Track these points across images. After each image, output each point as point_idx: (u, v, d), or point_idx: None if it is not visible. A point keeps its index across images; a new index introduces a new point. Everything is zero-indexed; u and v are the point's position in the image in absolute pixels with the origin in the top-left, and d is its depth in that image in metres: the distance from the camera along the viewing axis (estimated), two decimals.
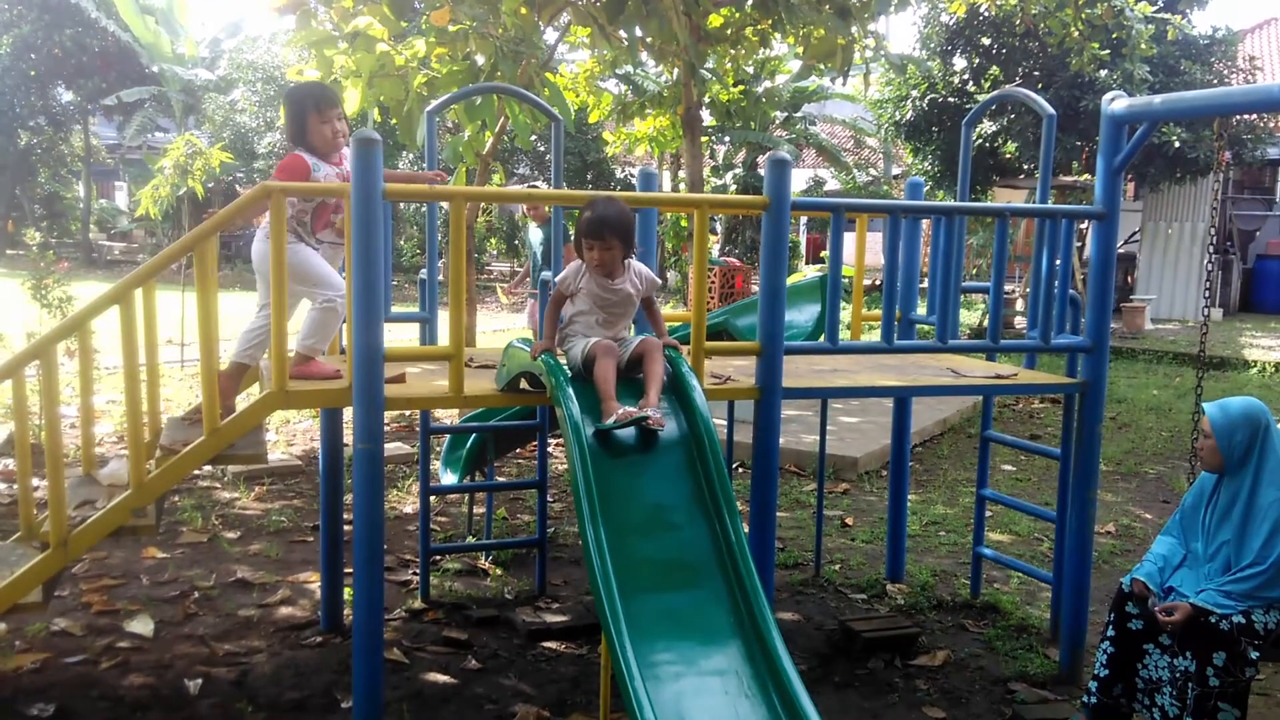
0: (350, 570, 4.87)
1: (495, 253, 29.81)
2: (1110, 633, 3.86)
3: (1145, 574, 3.75)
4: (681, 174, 19.85)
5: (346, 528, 4.81)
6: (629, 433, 3.63)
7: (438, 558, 5.53)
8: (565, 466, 7.41)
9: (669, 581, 3.24)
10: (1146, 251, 19.57)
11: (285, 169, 3.97)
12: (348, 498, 4.87)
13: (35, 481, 4.30)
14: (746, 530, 3.81)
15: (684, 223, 17.20)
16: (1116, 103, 4.34)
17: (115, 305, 3.63)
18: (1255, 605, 3.50)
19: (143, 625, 4.63)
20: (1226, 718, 3.43)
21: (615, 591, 3.01)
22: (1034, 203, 5.16)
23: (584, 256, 3.66)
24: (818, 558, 5.74)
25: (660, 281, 4.05)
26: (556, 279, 3.77)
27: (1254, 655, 3.44)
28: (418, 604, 5.05)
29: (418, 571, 5.24)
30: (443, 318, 4.49)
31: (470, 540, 6.00)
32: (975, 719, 4.10)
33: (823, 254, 26.01)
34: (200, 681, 4.12)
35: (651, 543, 3.32)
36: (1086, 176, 15.58)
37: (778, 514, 6.39)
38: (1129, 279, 19.46)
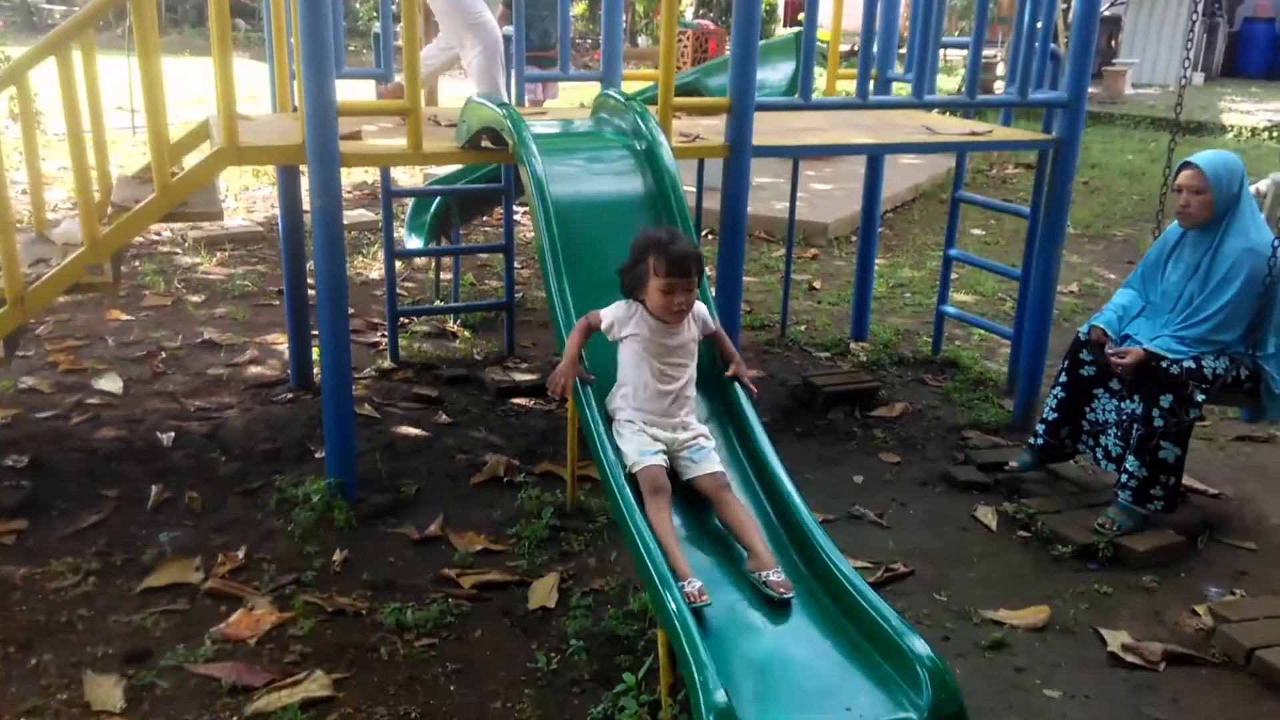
0: (318, 331, 4.90)
1: None
2: (1062, 378, 3.96)
3: (1104, 321, 3.81)
4: None
5: (311, 291, 4.78)
6: (596, 194, 3.53)
7: (406, 321, 5.54)
8: (533, 234, 7.35)
9: None
10: (1132, 14, 18.95)
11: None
12: (312, 263, 4.82)
13: None
14: (713, 290, 3.82)
15: None
16: None
17: (52, 56, 3.44)
18: (1207, 350, 3.58)
19: (111, 383, 4.66)
20: (1167, 455, 3.57)
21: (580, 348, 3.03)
22: None
23: (654, 301, 2.81)
24: (784, 319, 5.80)
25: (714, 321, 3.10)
26: (600, 314, 2.95)
27: (1200, 399, 3.55)
28: (387, 364, 5.09)
29: (386, 334, 5.26)
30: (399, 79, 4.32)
31: (438, 304, 6.00)
32: (928, 463, 4.25)
33: (800, 16, 25.01)
34: (173, 435, 4.18)
35: (616, 297, 3.31)
36: None
37: (746, 278, 6.41)
38: (1112, 43, 18.91)
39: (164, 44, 3.55)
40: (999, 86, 15.37)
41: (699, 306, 2.93)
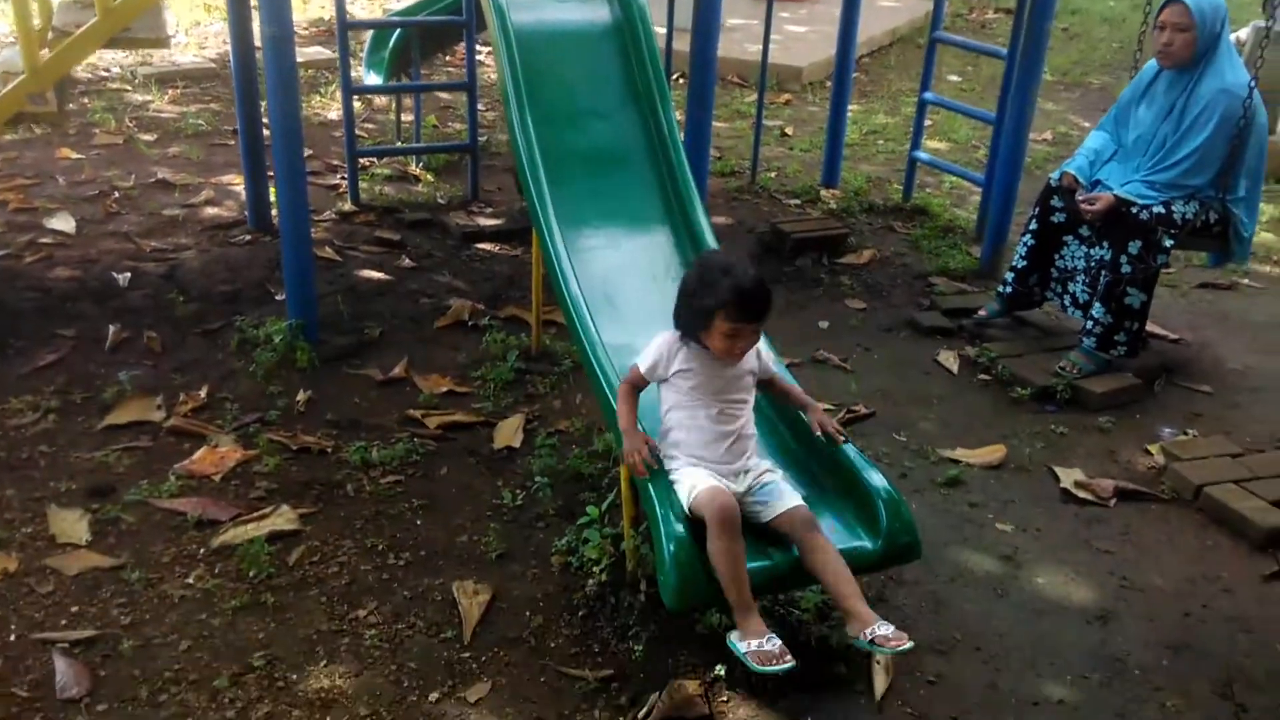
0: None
1: None
2: (1033, 225, 3.94)
3: (1075, 167, 3.76)
4: None
5: (266, 131, 4.62)
6: (560, 22, 3.40)
7: (366, 163, 5.39)
8: (496, 75, 7.12)
9: (599, 169, 3.19)
10: None
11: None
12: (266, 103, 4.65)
13: None
14: (681, 134, 3.72)
15: None
16: None
17: None
18: (1177, 195, 3.55)
19: (64, 222, 4.53)
20: (1133, 301, 3.59)
21: (543, 178, 2.96)
22: None
23: (716, 343, 2.30)
24: (754, 165, 5.70)
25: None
26: (643, 361, 2.41)
27: (1168, 244, 3.54)
28: (348, 207, 4.98)
29: (345, 176, 5.12)
30: None
31: (399, 145, 5.83)
32: (894, 309, 4.26)
33: None
34: (129, 275, 4.09)
35: (581, 132, 3.24)
36: None
37: (717, 124, 6.27)
38: None
39: None
40: None
41: (760, 345, 2.42)
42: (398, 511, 2.85)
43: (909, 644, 2.06)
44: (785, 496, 2.27)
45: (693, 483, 2.22)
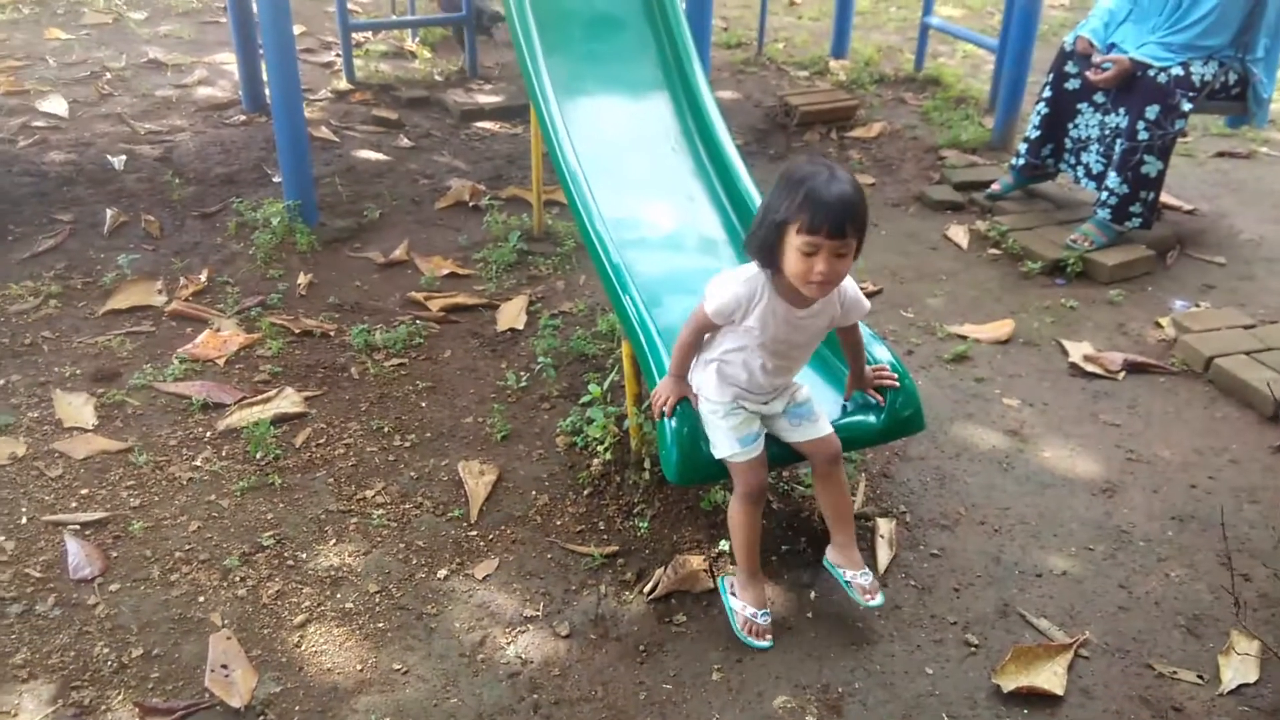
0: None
1: None
2: (1046, 93, 3.81)
3: (1090, 30, 3.63)
4: None
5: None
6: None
7: (361, 39, 5.24)
8: None
9: (594, 33, 3.09)
10: None
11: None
12: None
13: None
14: (682, 3, 3.58)
15: None
16: None
17: None
18: (1195, 56, 3.42)
19: (56, 105, 4.44)
20: (1149, 170, 3.50)
21: (536, 44, 2.86)
22: None
23: (791, 265, 1.91)
24: (761, 36, 5.53)
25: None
26: (710, 301, 2.03)
27: (1187, 108, 3.43)
28: (343, 85, 4.86)
29: (340, 53, 4.98)
30: None
31: (394, 19, 5.66)
32: (903, 184, 4.17)
33: None
34: (124, 158, 4.02)
35: None
36: None
37: None
38: None
39: None
40: None
41: (852, 290, 2.08)
42: (402, 394, 2.84)
43: (879, 600, 2.05)
44: (819, 422, 2.13)
45: (732, 448, 2.05)
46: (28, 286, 3.19)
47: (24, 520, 2.32)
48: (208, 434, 2.64)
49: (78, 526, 2.30)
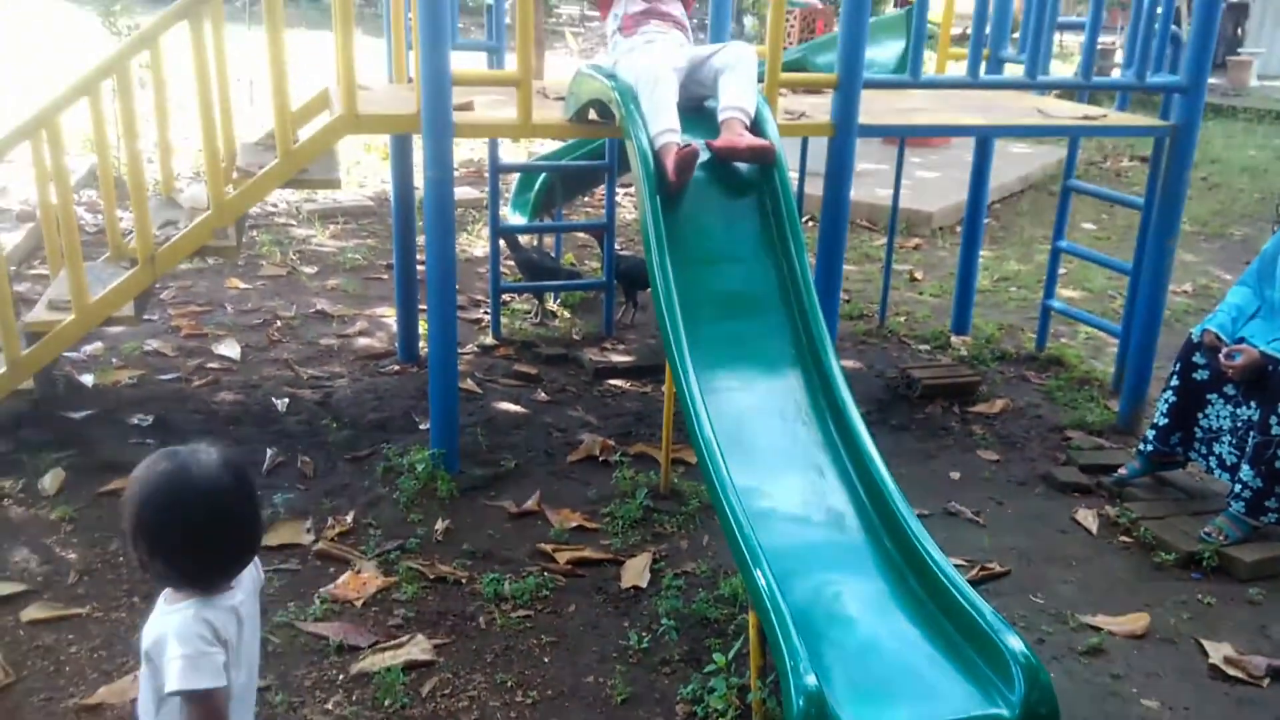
0: (425, 306, 5.02)
1: None
2: (1174, 382, 3.85)
3: (1217, 324, 3.70)
4: None
5: (420, 267, 4.90)
6: (701, 171, 3.56)
7: (507, 298, 5.64)
8: (632, 215, 7.41)
9: (733, 311, 3.28)
10: (1260, 1, 18.09)
11: None
12: (421, 239, 4.94)
13: (120, 214, 4.40)
14: (812, 275, 3.80)
15: None
16: None
17: (184, 20, 3.58)
18: None
19: (230, 349, 4.86)
20: None
21: (679, 317, 3.06)
22: None
23: None
24: (883, 309, 5.75)
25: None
26: None
27: None
28: (489, 341, 5.20)
29: (489, 311, 5.37)
30: (510, 54, 4.41)
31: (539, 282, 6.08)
32: (1029, 463, 4.19)
33: None
34: (287, 401, 4.35)
35: (717, 274, 3.34)
36: None
37: (846, 267, 6.35)
38: (1238, 30, 18.10)
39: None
40: (1116, 74, 14.95)
41: None
42: (527, 647, 2.90)
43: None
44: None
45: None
46: None
47: None
48: (341, 677, 2.72)
49: None
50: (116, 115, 3.90)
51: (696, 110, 3.54)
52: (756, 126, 3.37)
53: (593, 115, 3.80)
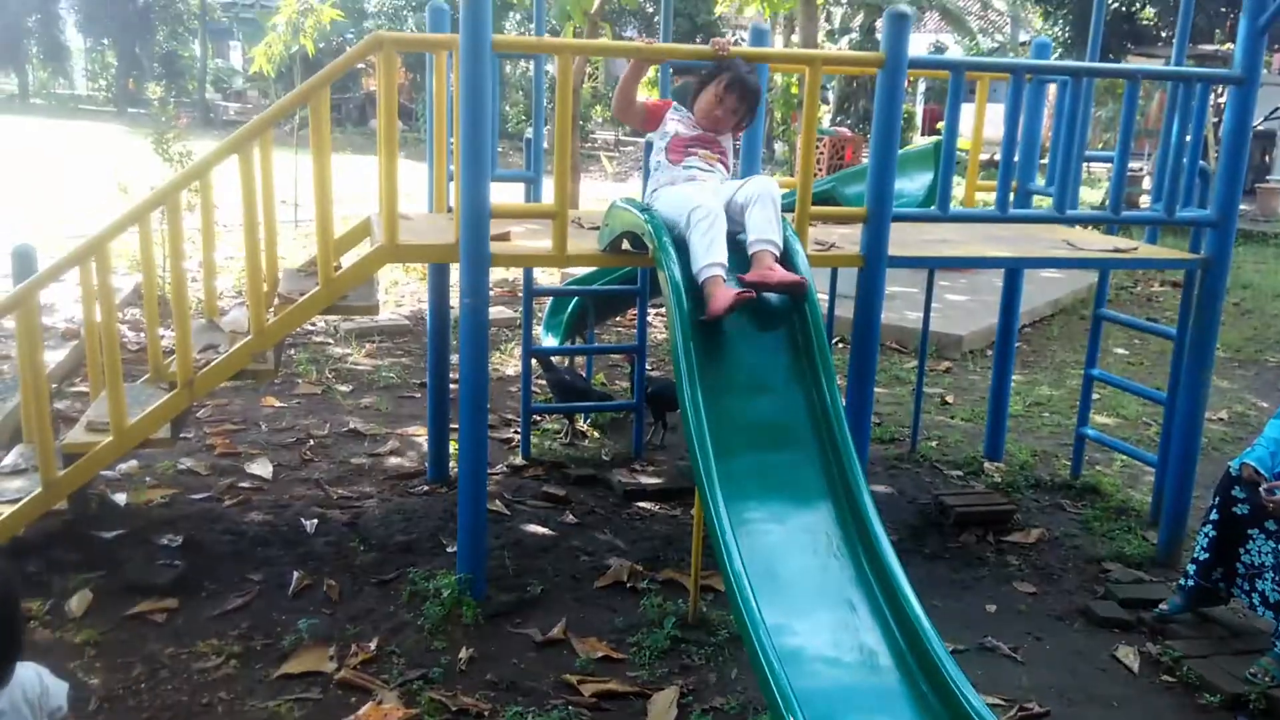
0: (456, 425, 5.06)
1: (600, 120, 29.48)
2: (1214, 516, 3.78)
3: (1255, 458, 3.64)
4: (794, 37, 19.16)
5: (452, 386, 4.95)
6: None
7: (538, 418, 5.67)
8: (663, 335, 7.47)
9: (763, 442, 3.28)
10: None
11: (654, 103, 3.94)
12: (453, 358, 5.01)
13: (160, 331, 4.51)
14: (844, 400, 3.81)
15: (794, 89, 16.67)
16: None
17: (234, 154, 3.72)
18: None
19: (262, 468, 4.90)
20: None
21: (710, 448, 3.06)
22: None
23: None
24: (914, 433, 5.72)
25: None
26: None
27: None
28: (519, 461, 5.21)
29: (519, 430, 5.39)
30: (546, 181, 4.53)
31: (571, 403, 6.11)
32: (1066, 595, 4.09)
33: (938, 125, 25.04)
34: (316, 521, 4.36)
35: (748, 404, 3.35)
36: (1229, 46, 14.56)
37: (876, 390, 6.36)
38: (1265, 158, 18.30)
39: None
40: (1144, 201, 15.10)
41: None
42: None
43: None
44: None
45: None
46: (213, 645, 3.40)
47: None
48: None
49: None
50: (163, 237, 4.02)
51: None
52: (787, 259, 3.42)
53: (626, 245, 3.88)
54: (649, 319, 6.25)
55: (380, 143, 3.74)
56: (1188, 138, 4.18)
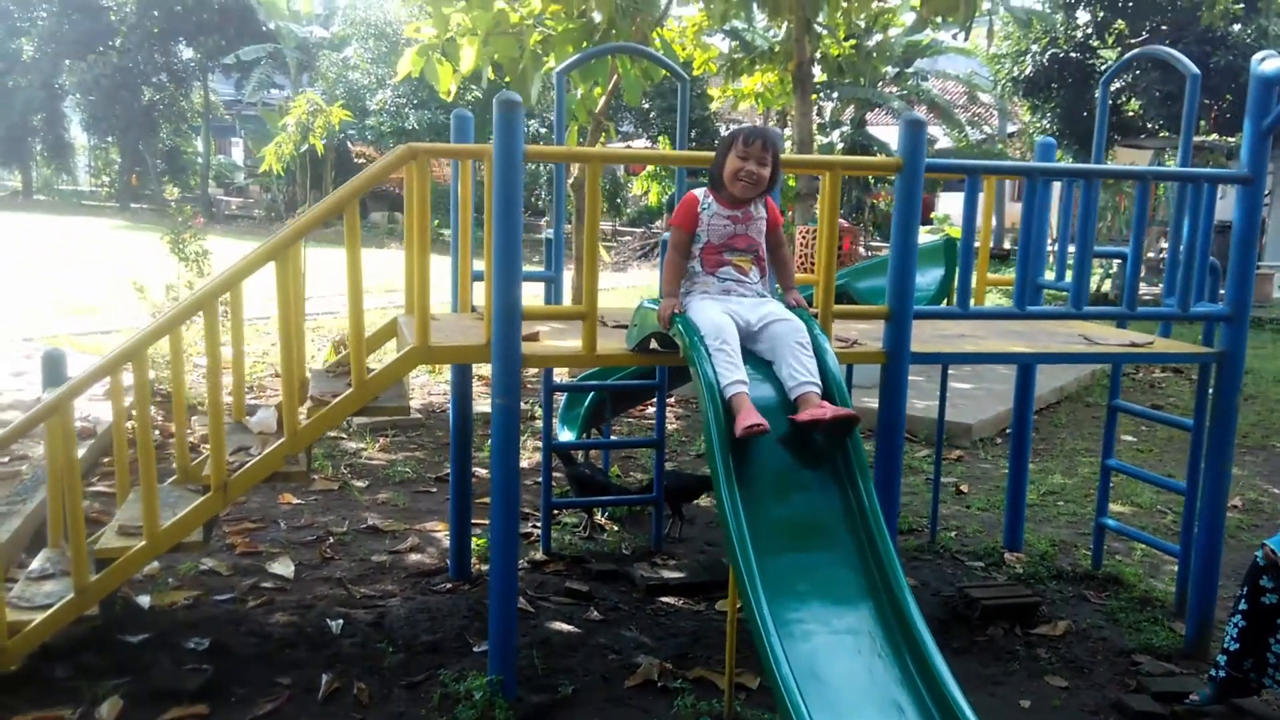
0: (477, 521, 5.06)
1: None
2: (1242, 606, 3.78)
3: (1276, 543, 3.66)
4: (788, 131, 19.60)
5: (474, 481, 4.96)
6: (764, 397, 3.64)
7: (556, 512, 5.67)
8: (673, 426, 7.51)
9: (801, 542, 3.29)
10: (1277, 215, 18.69)
11: (681, 204, 3.80)
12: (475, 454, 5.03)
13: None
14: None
15: (791, 181, 16.96)
16: (1267, 63, 4.18)
17: (271, 261, 3.79)
18: None
19: (284, 567, 4.88)
20: None
21: (750, 550, 3.08)
22: (1163, 164, 4.98)
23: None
24: (933, 524, 5.72)
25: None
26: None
27: None
28: (539, 555, 5.19)
29: (538, 524, 5.39)
30: (565, 277, 4.61)
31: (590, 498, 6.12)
32: (1098, 689, 4.07)
33: (934, 215, 25.45)
34: (341, 622, 4.33)
35: (784, 504, 3.37)
36: (1214, 136, 14.94)
37: None
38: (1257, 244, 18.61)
39: None
40: (1146, 289, 15.32)
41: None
42: None
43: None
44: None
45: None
46: None
47: None
48: None
49: None
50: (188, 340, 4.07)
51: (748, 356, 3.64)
52: (829, 391, 3.44)
53: (654, 344, 3.94)
54: (669, 405, 6.29)
55: (413, 248, 3.82)
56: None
